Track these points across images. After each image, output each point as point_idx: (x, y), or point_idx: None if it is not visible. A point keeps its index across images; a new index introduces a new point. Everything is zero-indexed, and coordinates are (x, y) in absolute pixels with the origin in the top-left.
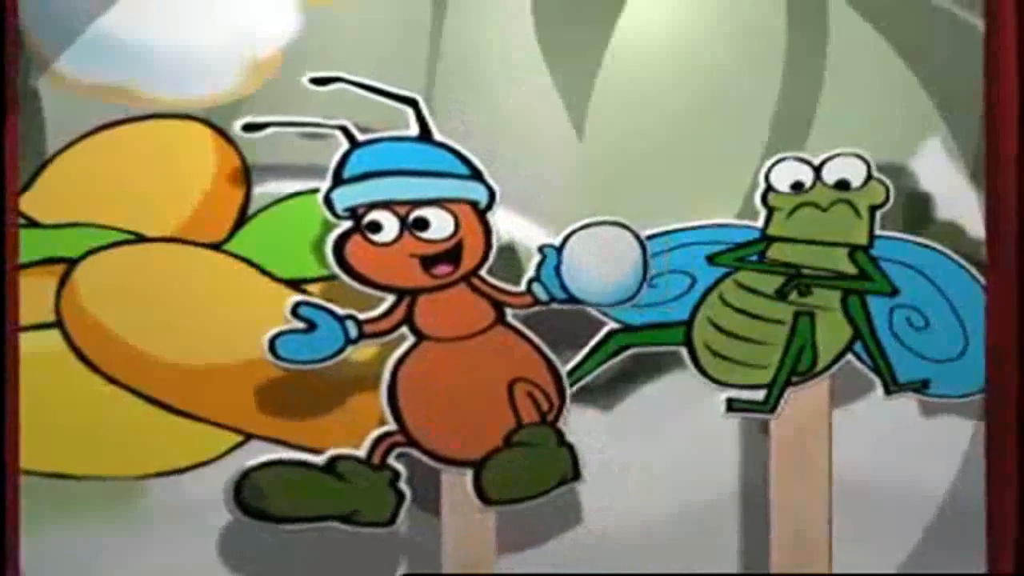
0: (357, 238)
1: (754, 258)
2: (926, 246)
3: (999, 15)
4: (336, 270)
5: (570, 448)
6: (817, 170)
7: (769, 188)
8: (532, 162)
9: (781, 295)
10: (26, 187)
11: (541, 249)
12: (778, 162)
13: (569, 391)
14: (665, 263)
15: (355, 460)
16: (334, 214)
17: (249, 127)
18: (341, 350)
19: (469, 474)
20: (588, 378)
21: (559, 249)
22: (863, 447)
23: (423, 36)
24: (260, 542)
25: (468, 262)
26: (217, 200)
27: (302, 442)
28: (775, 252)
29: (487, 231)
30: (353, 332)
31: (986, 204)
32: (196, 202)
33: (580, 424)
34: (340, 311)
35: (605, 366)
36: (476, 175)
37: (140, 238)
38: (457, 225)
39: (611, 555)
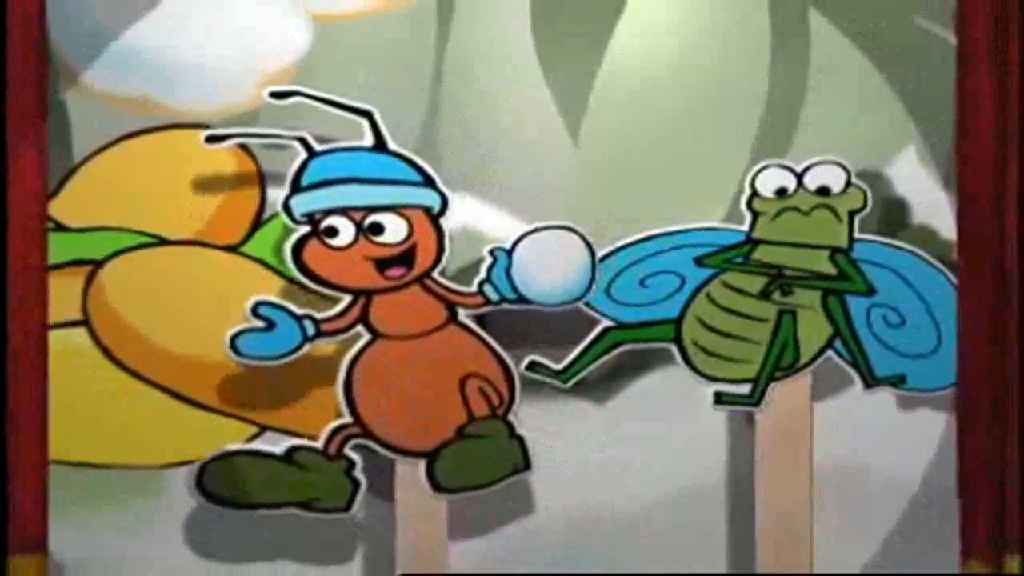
0: (314, 242)
1: (740, 260)
2: (902, 248)
3: (971, 31)
4: (295, 272)
5: (520, 440)
6: (799, 176)
7: (754, 193)
8: (530, 165)
9: (765, 295)
10: (54, 193)
11: (492, 252)
12: (763, 169)
13: (519, 386)
14: (658, 264)
15: (313, 450)
16: (292, 219)
17: (211, 138)
18: (299, 347)
19: (422, 464)
20: (583, 373)
21: (509, 252)
22: (843, 438)
23: (428, 47)
24: (230, 527)
25: (421, 264)
26: (233, 205)
27: (313, 432)
28: (760, 254)
29: (439, 235)
30: (311, 330)
31: (957, 209)
32: (213, 207)
33: (576, 419)
34: (298, 310)
35: (599, 362)
36: (428, 182)
37: (161, 241)
38: (410, 230)
39: (602, 546)
